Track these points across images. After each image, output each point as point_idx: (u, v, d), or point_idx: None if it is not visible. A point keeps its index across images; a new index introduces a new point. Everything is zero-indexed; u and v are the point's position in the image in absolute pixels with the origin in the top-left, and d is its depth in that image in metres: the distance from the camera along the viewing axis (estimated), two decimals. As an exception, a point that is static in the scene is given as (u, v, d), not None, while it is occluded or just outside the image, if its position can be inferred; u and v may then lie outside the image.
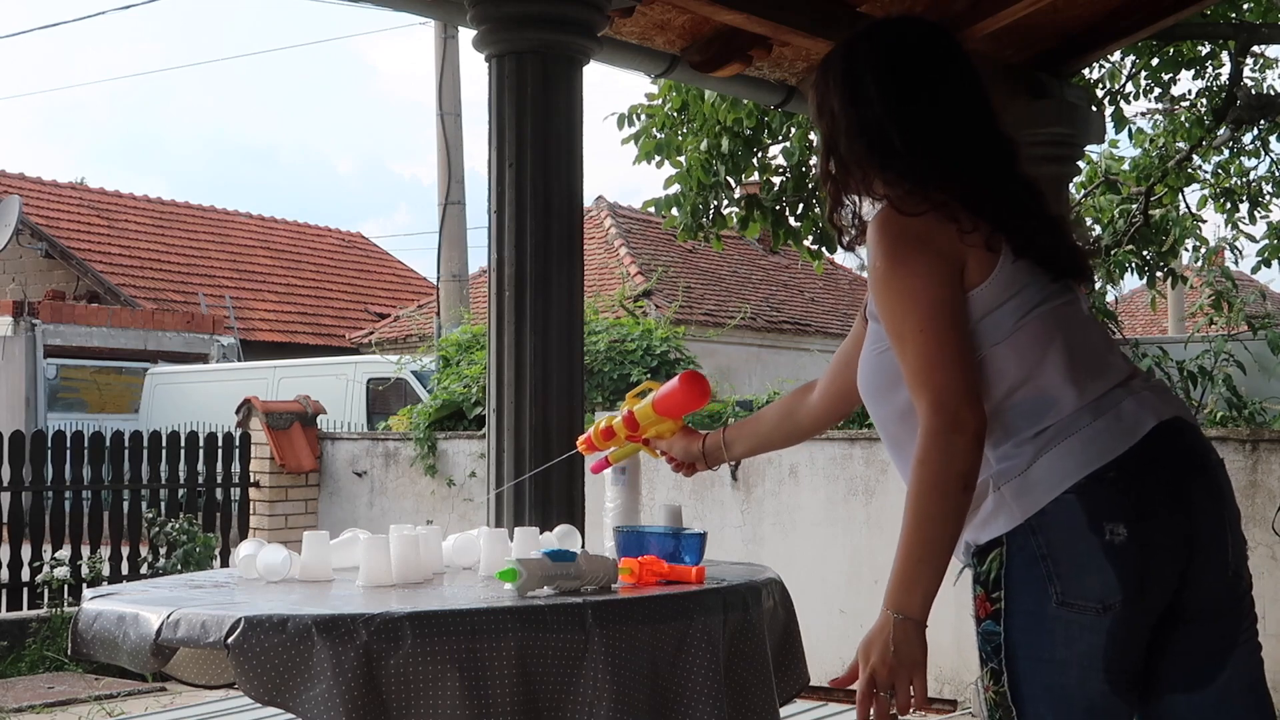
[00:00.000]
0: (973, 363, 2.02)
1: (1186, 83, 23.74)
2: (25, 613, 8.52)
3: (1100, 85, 8.65)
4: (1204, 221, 9.89)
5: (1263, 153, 9.63)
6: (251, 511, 9.72)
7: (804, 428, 2.73)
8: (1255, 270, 10.07)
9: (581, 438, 2.83)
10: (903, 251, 2.04)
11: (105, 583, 8.70)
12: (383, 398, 14.28)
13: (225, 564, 8.51)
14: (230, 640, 2.24)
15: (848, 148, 2.18)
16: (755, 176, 7.32)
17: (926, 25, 2.24)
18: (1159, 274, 9.65)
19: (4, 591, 8.69)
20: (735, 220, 7.29)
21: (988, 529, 2.04)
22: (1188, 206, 9.77)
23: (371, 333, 19.84)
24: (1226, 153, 9.63)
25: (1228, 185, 9.68)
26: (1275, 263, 9.61)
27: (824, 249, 7.49)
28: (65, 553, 8.91)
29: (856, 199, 2.22)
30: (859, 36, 2.23)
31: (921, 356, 2.01)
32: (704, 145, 7.01)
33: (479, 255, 15.83)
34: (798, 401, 2.70)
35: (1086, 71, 7.85)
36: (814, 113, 2.26)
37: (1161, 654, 2.02)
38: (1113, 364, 2.09)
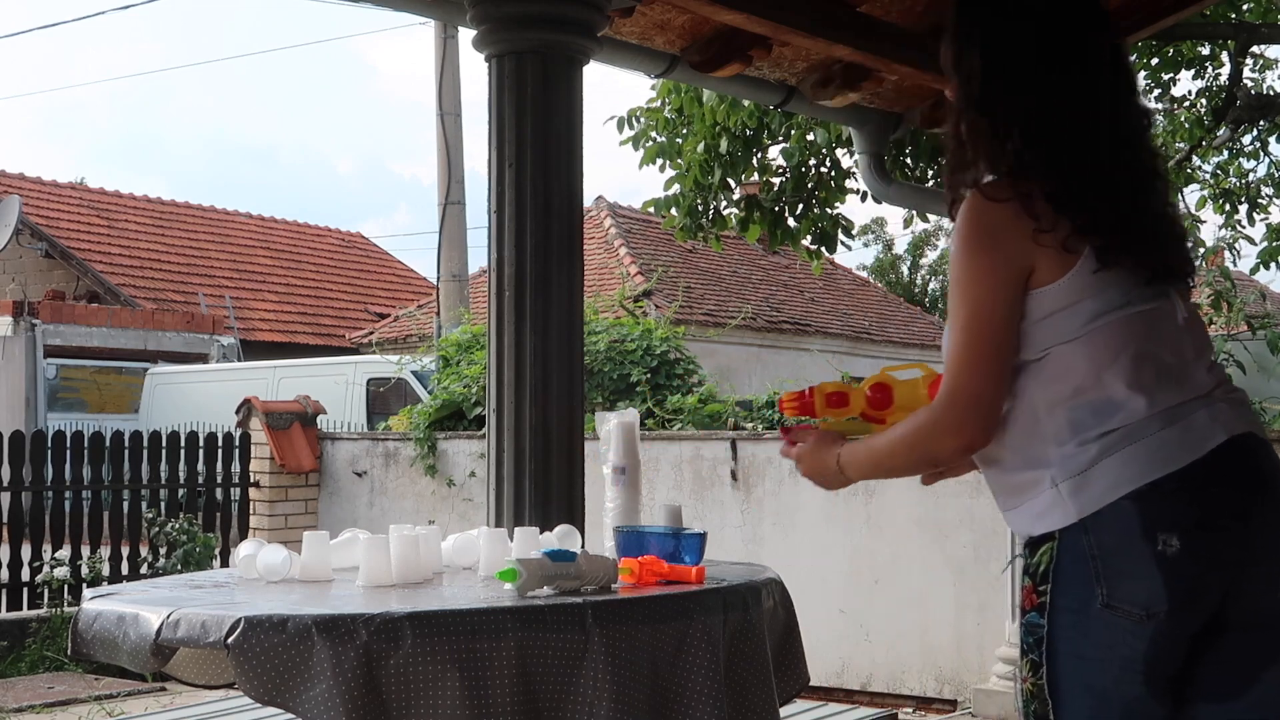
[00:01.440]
0: (1001, 373, 2.04)
1: (1186, 83, 23.76)
2: (25, 613, 8.52)
3: (1100, 85, 8.63)
4: (1203, 222, 9.89)
5: (1262, 154, 9.63)
6: (251, 511, 9.73)
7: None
8: (1254, 271, 10.07)
9: (788, 394, 2.45)
10: (973, 244, 2.07)
11: (105, 583, 8.70)
12: (383, 398, 14.28)
13: (225, 564, 8.51)
14: (230, 640, 2.24)
15: (973, 120, 2.20)
16: (755, 177, 7.32)
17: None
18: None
19: (4, 591, 8.69)
20: (735, 221, 7.29)
21: (1041, 522, 2.04)
22: (1187, 206, 9.77)
23: (371, 333, 19.84)
24: (1226, 154, 9.62)
25: (1226, 186, 9.68)
26: (1274, 264, 9.61)
27: (823, 249, 7.49)
28: (65, 553, 8.91)
29: (979, 168, 2.19)
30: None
31: (955, 350, 2.06)
32: (702, 146, 7.00)
33: (479, 255, 15.83)
34: None
35: (1086, 71, 7.85)
36: (949, 64, 2.25)
37: (1199, 660, 2.00)
38: (1194, 375, 2.07)
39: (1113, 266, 2.02)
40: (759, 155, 7.17)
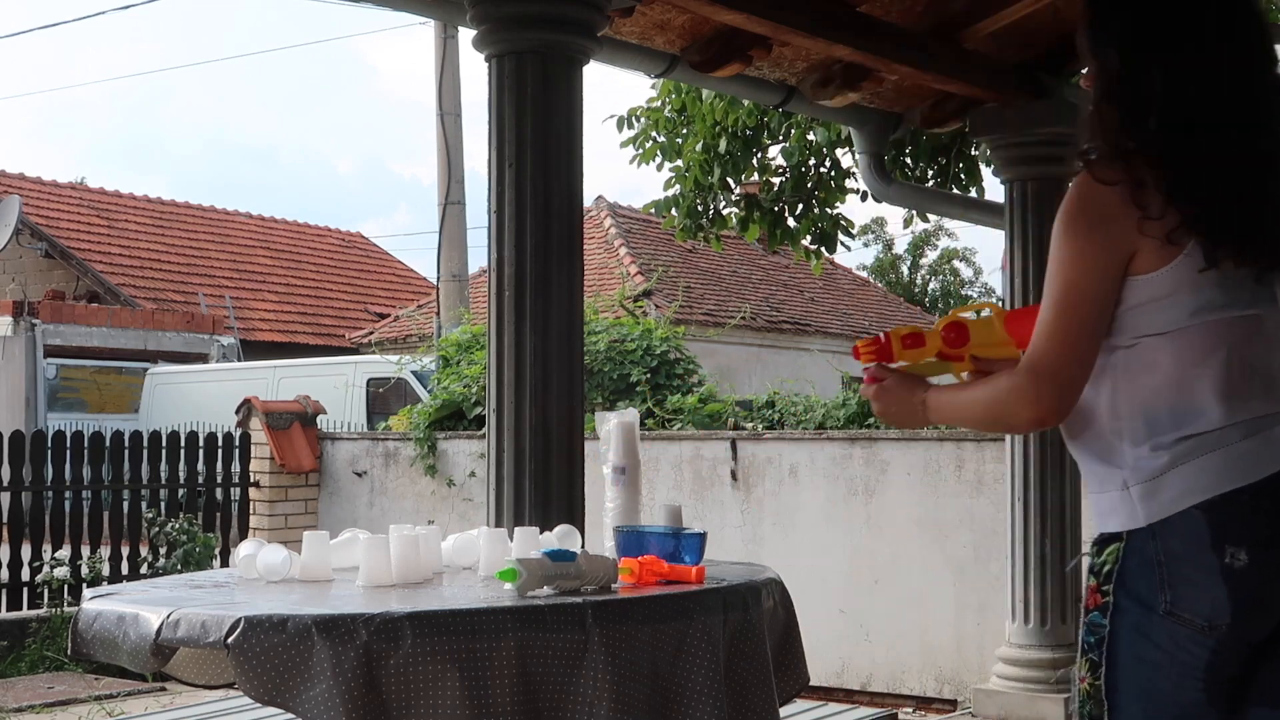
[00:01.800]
0: (1086, 355, 2.02)
1: (1186, 83, 23.69)
2: (25, 613, 8.52)
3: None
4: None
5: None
6: (251, 511, 9.73)
7: None
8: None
9: (864, 341, 2.39)
10: (1077, 224, 2.03)
11: (105, 583, 8.69)
12: (383, 398, 14.28)
13: (225, 564, 8.51)
14: (230, 640, 2.24)
15: (1100, 104, 2.08)
16: (755, 177, 7.32)
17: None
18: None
19: (4, 591, 8.69)
20: (735, 221, 7.29)
21: (1109, 520, 2.03)
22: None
23: (371, 333, 19.84)
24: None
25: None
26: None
27: (823, 249, 7.49)
28: (65, 553, 8.91)
29: (1100, 147, 2.09)
30: None
31: (1044, 325, 2.04)
32: (701, 146, 7.00)
33: (479, 255, 15.83)
34: None
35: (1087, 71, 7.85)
36: (1087, 46, 2.14)
37: (1258, 667, 1.98)
38: None
39: (1218, 265, 1.97)
40: (759, 155, 7.17)
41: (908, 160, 7.12)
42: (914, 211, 7.40)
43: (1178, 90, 2.01)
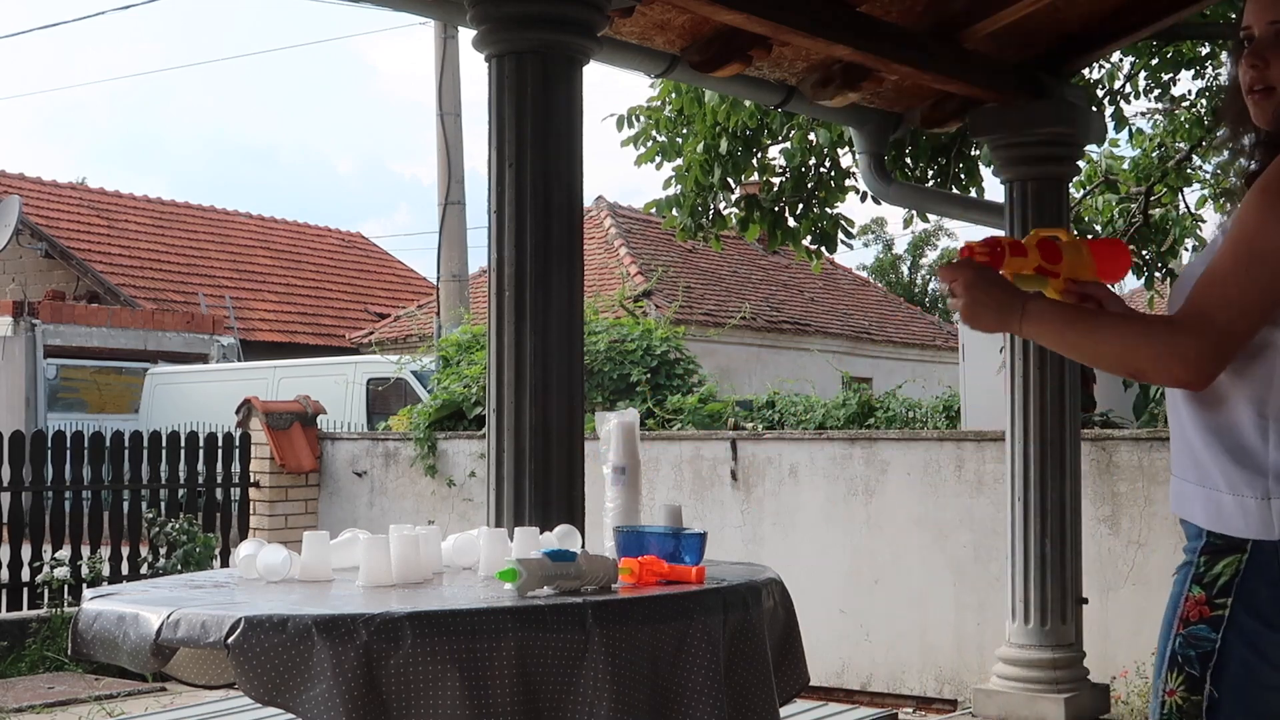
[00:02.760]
0: (1255, 328, 1.91)
1: (1186, 83, 23.75)
2: (25, 613, 8.52)
3: (1100, 85, 8.64)
4: (1204, 221, 9.88)
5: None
6: (251, 511, 9.73)
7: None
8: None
9: (980, 242, 2.24)
10: (1277, 193, 1.92)
11: (105, 583, 8.70)
12: (383, 398, 14.28)
13: (225, 564, 8.50)
14: (230, 640, 2.24)
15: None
16: (755, 177, 7.32)
17: None
18: (1158, 274, 9.65)
19: (4, 591, 8.69)
20: (735, 221, 7.29)
21: (1228, 524, 1.94)
22: (1187, 206, 9.77)
23: (371, 333, 19.84)
24: (1227, 153, 9.60)
25: (1227, 185, 9.67)
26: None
27: (823, 249, 7.49)
28: (65, 553, 8.91)
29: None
30: None
31: (1225, 285, 1.92)
32: (702, 147, 7.00)
33: (479, 255, 15.84)
34: None
35: (1086, 71, 7.85)
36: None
37: None
38: None
39: None
40: (759, 155, 7.17)
41: (908, 160, 7.12)
42: (914, 211, 7.40)
43: None
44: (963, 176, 7.17)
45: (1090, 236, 2.13)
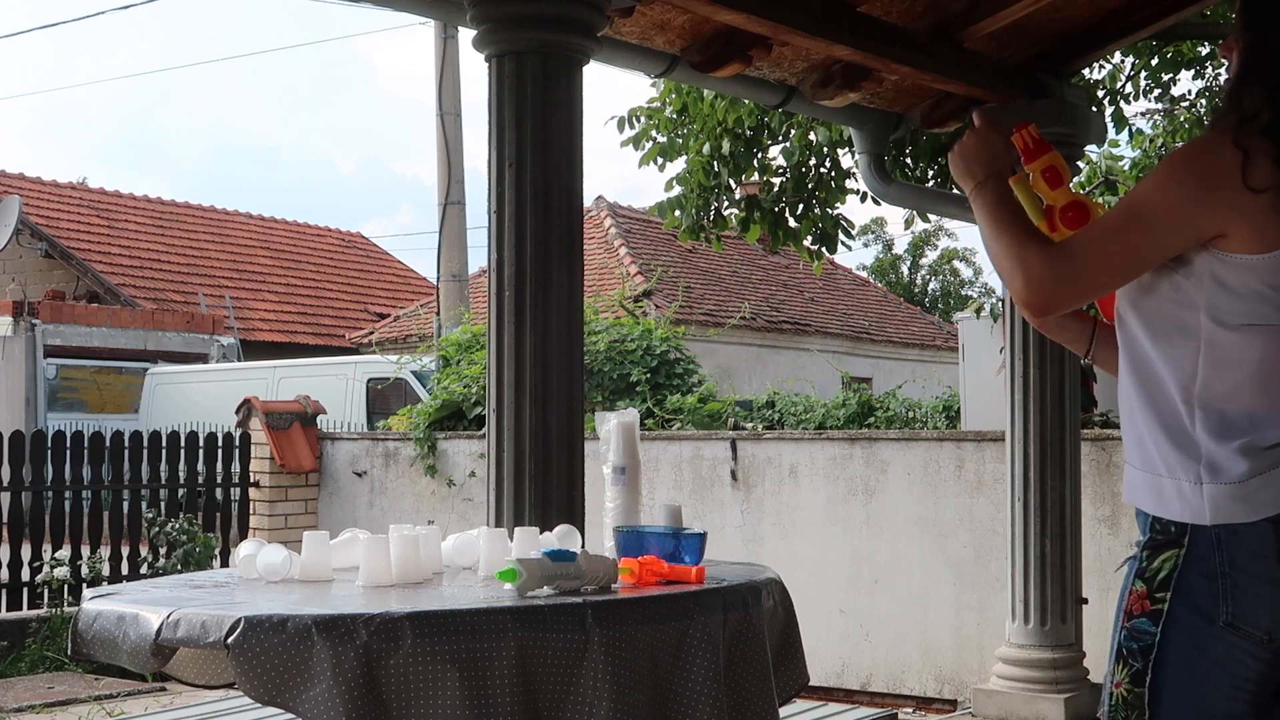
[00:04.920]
0: (1105, 280, 2.00)
1: (1186, 83, 23.76)
2: (25, 613, 8.52)
3: (1101, 86, 8.64)
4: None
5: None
6: (251, 511, 9.73)
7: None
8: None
9: (1036, 133, 2.33)
10: (1175, 178, 1.97)
11: (105, 583, 8.70)
12: (383, 398, 14.28)
13: (225, 564, 8.51)
14: (230, 640, 2.24)
15: (1246, 81, 2.04)
16: (755, 177, 7.32)
17: None
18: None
19: (4, 591, 8.69)
20: (736, 221, 7.29)
21: (1167, 508, 1.98)
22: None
23: (371, 333, 19.85)
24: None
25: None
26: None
27: (824, 249, 7.49)
28: (65, 553, 8.91)
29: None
30: None
31: (1093, 229, 2.01)
32: (705, 148, 7.00)
33: (479, 255, 15.84)
34: None
35: (1086, 71, 7.85)
36: (1237, 23, 2.13)
37: None
38: None
39: None
40: (759, 155, 7.17)
41: (908, 160, 7.12)
42: (914, 211, 7.40)
43: None
44: (963, 176, 7.16)
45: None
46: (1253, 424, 1.95)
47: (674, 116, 7.07)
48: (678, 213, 7.23)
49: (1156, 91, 9.07)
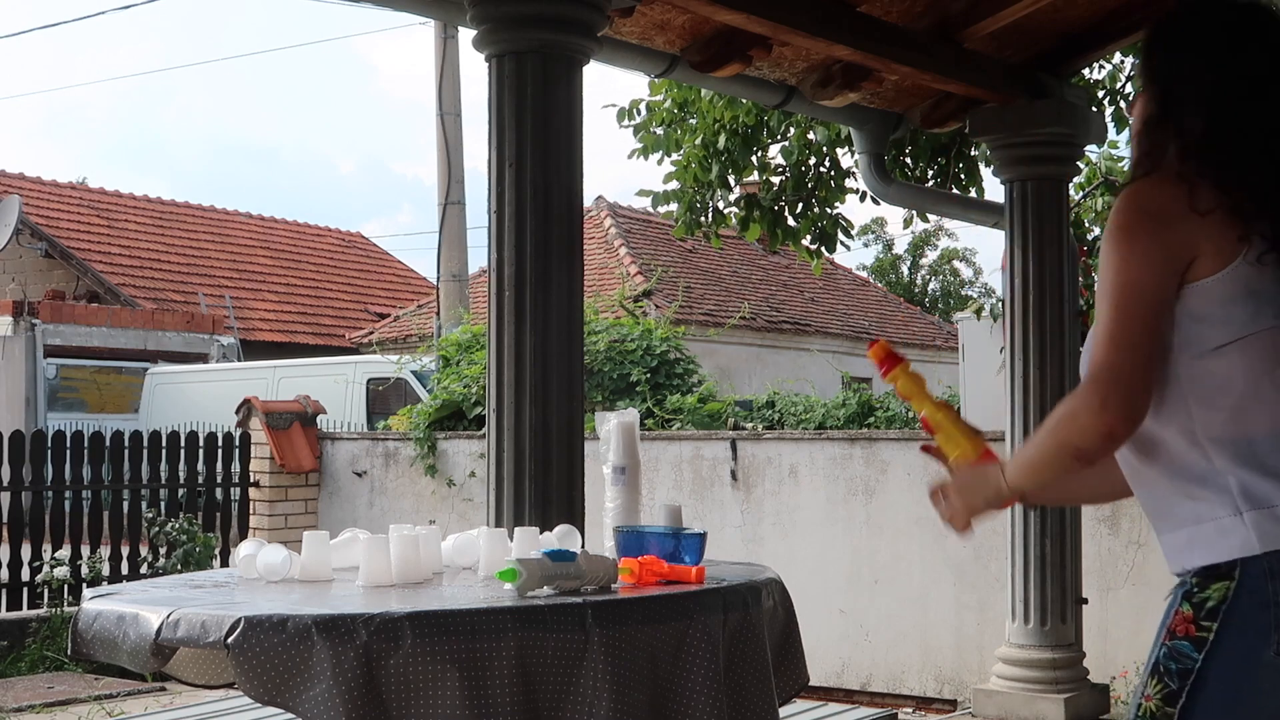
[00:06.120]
0: (1151, 355, 1.96)
1: (1186, 83, 23.67)
2: (25, 613, 8.52)
3: (1101, 86, 8.64)
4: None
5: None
6: (251, 511, 9.73)
7: (1121, 485, 2.69)
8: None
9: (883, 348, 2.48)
10: (1134, 228, 1.99)
11: (105, 583, 8.70)
12: (383, 398, 14.28)
13: (225, 564, 8.51)
14: (230, 640, 2.24)
15: (1159, 126, 2.09)
16: (754, 176, 7.31)
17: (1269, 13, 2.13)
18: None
19: (4, 591, 8.69)
20: (735, 220, 7.28)
21: (1215, 550, 1.97)
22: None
23: (371, 333, 19.85)
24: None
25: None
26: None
27: (823, 249, 7.49)
28: (65, 553, 8.91)
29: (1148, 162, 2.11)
30: (1200, 5, 2.14)
31: (1102, 329, 1.98)
32: (700, 141, 6.98)
33: (479, 255, 15.83)
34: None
35: (1086, 71, 7.84)
36: (1144, 80, 2.18)
37: None
38: None
39: (1277, 267, 1.96)
40: (758, 154, 7.16)
41: (908, 160, 7.11)
42: (914, 211, 7.40)
43: (1221, 103, 2.03)
44: (963, 176, 7.17)
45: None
46: (1269, 442, 1.96)
47: (673, 110, 7.05)
48: (673, 205, 7.21)
49: (1156, 91, 9.05)
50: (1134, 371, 1.95)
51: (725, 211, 7.32)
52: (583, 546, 2.93)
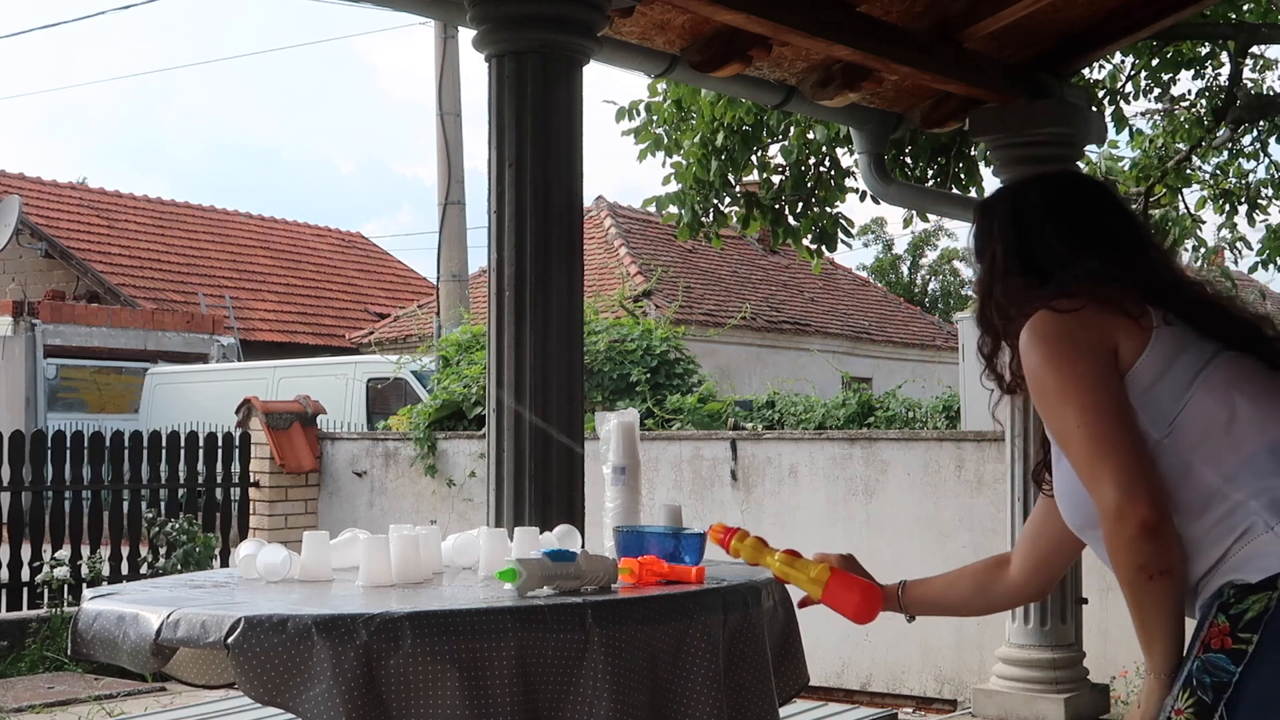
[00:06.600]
0: (1137, 451, 2.01)
1: (1186, 83, 23.70)
2: (25, 613, 8.53)
3: (1101, 86, 8.64)
4: (1203, 222, 9.87)
5: (1262, 155, 9.62)
6: (251, 511, 9.73)
7: (998, 604, 2.66)
8: (1252, 270, 10.08)
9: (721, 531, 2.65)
10: (1056, 352, 2.07)
11: (105, 583, 8.70)
12: (383, 398, 14.28)
13: (225, 564, 8.51)
14: (230, 640, 2.24)
15: (1005, 288, 2.20)
16: (754, 175, 7.31)
17: (1086, 180, 2.33)
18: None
19: (4, 591, 8.69)
20: (736, 219, 7.28)
21: (1257, 566, 1.97)
22: (1187, 207, 9.77)
23: (371, 333, 19.85)
24: (1225, 154, 9.61)
25: (1226, 187, 9.67)
26: (1273, 265, 9.61)
27: (823, 248, 7.49)
28: (65, 553, 8.92)
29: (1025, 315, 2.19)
30: (1024, 184, 2.33)
31: (1084, 453, 2.02)
32: (699, 139, 6.98)
33: (479, 255, 15.83)
34: (993, 577, 2.64)
35: (1086, 71, 7.85)
36: (974, 256, 2.31)
37: None
38: None
39: (1182, 322, 2.07)
40: (758, 153, 7.16)
41: (908, 160, 7.11)
42: (914, 211, 7.40)
43: (1076, 231, 2.19)
44: (963, 176, 7.17)
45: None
46: (1265, 455, 2.00)
47: (672, 109, 7.05)
48: (674, 208, 7.21)
49: (1156, 91, 9.07)
50: (1129, 464, 1.99)
51: (726, 211, 7.32)
52: (583, 546, 2.93)
